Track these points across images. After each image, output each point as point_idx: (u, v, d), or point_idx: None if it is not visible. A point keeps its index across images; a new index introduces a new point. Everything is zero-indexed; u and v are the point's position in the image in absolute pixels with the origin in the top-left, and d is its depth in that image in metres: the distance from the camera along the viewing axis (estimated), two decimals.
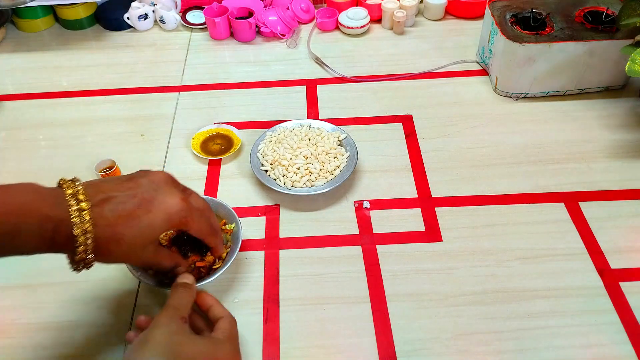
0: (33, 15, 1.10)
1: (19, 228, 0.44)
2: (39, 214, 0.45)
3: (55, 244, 0.46)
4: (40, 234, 0.45)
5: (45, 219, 0.45)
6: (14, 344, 0.60)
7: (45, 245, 0.46)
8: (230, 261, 0.62)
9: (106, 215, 0.47)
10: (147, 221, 0.49)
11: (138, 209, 0.49)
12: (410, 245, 0.69)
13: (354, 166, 0.75)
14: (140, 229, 0.49)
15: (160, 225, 0.50)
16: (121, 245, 0.48)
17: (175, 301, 0.52)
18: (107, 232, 0.47)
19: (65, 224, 0.45)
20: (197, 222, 0.53)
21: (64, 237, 0.45)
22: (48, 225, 0.45)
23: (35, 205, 0.45)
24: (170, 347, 0.47)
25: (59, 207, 0.46)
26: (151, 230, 0.50)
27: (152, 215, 0.49)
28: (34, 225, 0.44)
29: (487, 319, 0.61)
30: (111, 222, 0.47)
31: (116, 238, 0.48)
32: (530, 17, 0.88)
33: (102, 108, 0.93)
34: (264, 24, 1.06)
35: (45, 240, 0.45)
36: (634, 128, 0.85)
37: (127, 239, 0.48)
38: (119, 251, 0.49)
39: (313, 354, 0.59)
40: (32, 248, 0.45)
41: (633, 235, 0.69)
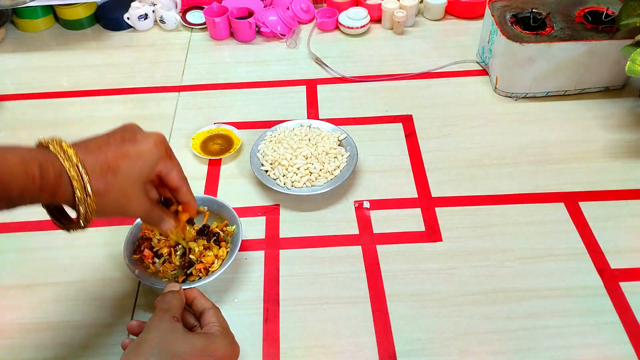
0: (33, 15, 1.10)
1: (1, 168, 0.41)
2: (20, 153, 0.42)
3: (47, 184, 0.42)
4: (25, 171, 0.41)
5: (27, 156, 0.42)
6: (14, 344, 0.60)
7: (35, 185, 0.42)
8: (230, 261, 0.62)
9: (93, 151, 0.45)
10: (136, 151, 0.48)
11: (123, 144, 0.47)
12: (410, 245, 0.69)
13: (354, 166, 0.75)
14: (133, 158, 0.47)
15: (150, 154, 0.49)
16: (118, 176, 0.46)
17: (164, 305, 0.52)
18: (98, 162, 0.45)
19: (51, 161, 0.43)
20: (176, 160, 0.53)
21: (53, 174, 0.42)
22: (32, 163, 0.42)
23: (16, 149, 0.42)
24: (165, 347, 0.47)
25: (39, 149, 0.44)
26: (143, 161, 0.48)
27: (139, 146, 0.48)
28: (16, 163, 0.41)
29: (487, 319, 0.61)
30: (101, 157, 0.45)
31: (111, 168, 0.46)
32: (530, 17, 0.88)
33: (102, 108, 0.93)
34: (264, 24, 1.06)
35: (33, 179, 0.42)
36: (633, 128, 0.85)
37: (122, 170, 0.46)
38: (117, 184, 0.46)
39: (313, 354, 0.59)
40: (20, 189, 0.42)
41: (633, 235, 0.69)
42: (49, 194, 0.43)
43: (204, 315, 0.54)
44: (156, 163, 0.50)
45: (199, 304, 0.55)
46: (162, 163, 0.50)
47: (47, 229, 0.73)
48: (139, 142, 0.48)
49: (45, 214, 0.73)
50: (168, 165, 0.51)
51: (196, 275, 0.62)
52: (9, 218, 0.74)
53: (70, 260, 0.69)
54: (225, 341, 0.51)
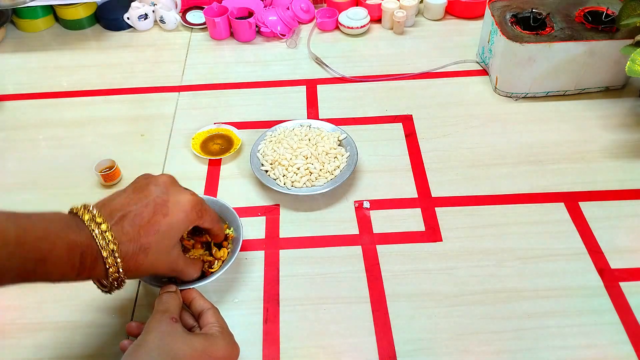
0: (33, 15, 1.10)
1: (49, 254, 0.44)
2: (67, 241, 0.45)
3: (84, 269, 0.46)
4: (69, 259, 0.45)
5: (72, 244, 0.45)
6: (14, 344, 0.60)
7: (74, 271, 0.46)
8: (231, 261, 0.61)
9: (127, 230, 0.48)
10: (167, 224, 0.50)
11: (155, 216, 0.50)
12: (410, 245, 0.69)
13: (354, 166, 0.75)
14: (163, 233, 0.50)
15: (180, 224, 0.52)
16: (149, 254, 0.49)
17: (162, 306, 0.52)
18: (132, 246, 0.48)
19: (92, 249, 0.46)
20: (209, 212, 0.56)
21: (91, 261, 0.46)
22: (76, 251, 0.45)
23: (63, 233, 0.45)
24: (165, 348, 0.47)
25: (82, 232, 0.46)
26: (173, 232, 0.51)
27: (170, 218, 0.51)
28: (63, 250, 0.45)
29: (487, 319, 0.61)
30: (134, 236, 0.48)
31: (143, 249, 0.49)
32: (530, 17, 0.88)
33: (102, 108, 0.93)
34: (264, 24, 1.06)
35: (74, 266, 0.46)
36: (633, 128, 0.85)
37: (153, 247, 0.50)
38: (148, 261, 0.50)
39: (313, 354, 0.59)
40: (60, 275, 0.46)
41: (633, 235, 0.69)
42: (83, 278, 0.47)
43: (203, 315, 0.54)
44: (186, 229, 0.53)
45: (197, 305, 0.55)
46: (192, 225, 0.54)
47: None
48: (171, 212, 0.51)
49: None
50: (199, 221, 0.55)
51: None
52: None
53: None
54: (224, 342, 0.51)
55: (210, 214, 0.56)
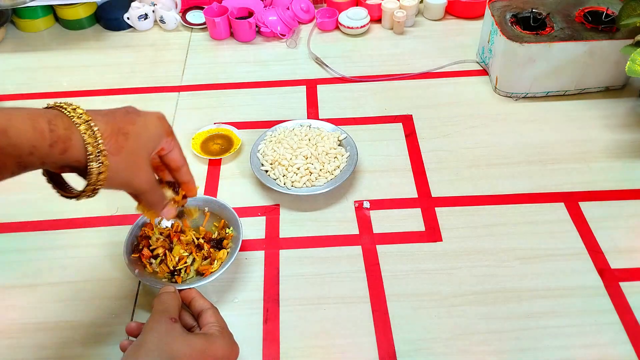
0: (33, 15, 1.10)
1: (7, 123, 0.40)
2: (28, 111, 0.42)
3: (57, 139, 0.42)
4: (34, 126, 0.41)
5: (35, 113, 0.42)
6: (14, 344, 0.60)
7: (44, 140, 0.41)
8: (230, 261, 0.62)
9: (102, 114, 0.45)
10: (142, 122, 0.48)
11: (129, 114, 0.48)
12: (410, 245, 0.69)
13: (354, 166, 0.75)
14: (139, 127, 0.47)
15: (155, 126, 0.49)
16: (128, 139, 0.46)
17: (161, 306, 0.52)
18: (109, 127, 0.45)
19: (60, 117, 0.42)
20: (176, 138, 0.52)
21: (63, 128, 0.42)
22: (41, 118, 0.41)
23: (20, 109, 0.42)
24: (164, 348, 0.47)
25: (50, 110, 0.43)
26: (149, 131, 0.48)
27: (144, 118, 0.48)
28: (25, 119, 0.41)
29: (487, 319, 0.61)
30: (110, 120, 0.45)
31: (122, 132, 0.45)
32: (530, 17, 0.88)
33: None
34: (264, 24, 1.06)
35: (42, 133, 0.41)
36: (634, 128, 0.85)
37: (131, 135, 0.46)
38: (128, 147, 0.46)
39: (313, 354, 0.59)
40: (29, 145, 0.41)
41: (633, 235, 0.69)
42: (60, 149, 0.42)
43: (203, 315, 0.54)
44: (160, 137, 0.50)
45: (197, 304, 0.55)
46: (165, 138, 0.50)
47: (47, 229, 0.73)
48: (143, 115, 0.49)
49: (44, 213, 0.74)
50: (170, 143, 0.51)
51: (186, 275, 0.62)
52: (8, 218, 0.74)
53: (70, 260, 0.69)
54: (224, 341, 0.51)
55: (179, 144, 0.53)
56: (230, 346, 0.52)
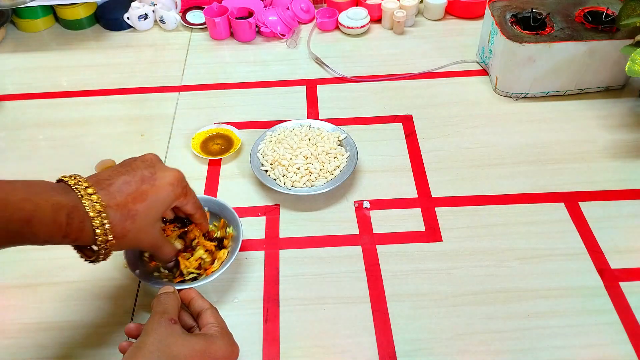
0: (33, 15, 1.10)
1: (33, 214, 0.44)
2: (51, 201, 0.45)
3: (72, 231, 0.46)
4: (54, 219, 0.45)
5: (57, 205, 0.45)
6: (14, 344, 0.60)
7: (61, 232, 0.46)
8: (230, 261, 0.61)
9: (114, 196, 0.49)
10: (154, 194, 0.51)
11: (143, 185, 0.51)
12: (410, 245, 0.69)
13: (354, 166, 0.75)
14: (150, 202, 0.51)
15: (166, 196, 0.53)
16: (136, 222, 0.50)
17: (160, 307, 0.52)
18: (119, 212, 0.49)
19: (78, 210, 0.46)
20: (193, 193, 0.57)
21: (78, 222, 0.46)
22: (61, 212, 0.45)
23: (48, 194, 0.46)
24: (164, 350, 0.47)
25: (69, 194, 0.47)
26: (159, 203, 0.52)
27: (157, 188, 0.52)
28: (48, 211, 0.45)
29: (487, 319, 0.61)
30: (121, 202, 0.49)
31: (130, 215, 0.49)
32: (530, 17, 0.88)
33: (102, 108, 0.93)
34: (264, 24, 1.06)
35: (60, 226, 0.45)
36: (633, 128, 0.85)
37: (140, 215, 0.50)
38: (134, 229, 0.50)
39: (313, 354, 0.59)
40: (46, 236, 0.45)
41: (633, 235, 0.69)
42: (71, 239, 0.47)
43: (202, 315, 0.54)
44: (171, 202, 0.54)
45: (196, 305, 0.55)
46: (177, 201, 0.55)
47: None
48: (157, 184, 0.52)
49: None
50: (183, 201, 0.56)
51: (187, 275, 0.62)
52: None
53: (70, 260, 0.68)
54: (224, 342, 0.51)
55: (194, 196, 0.57)
56: (230, 346, 0.52)
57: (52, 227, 0.45)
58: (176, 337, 0.48)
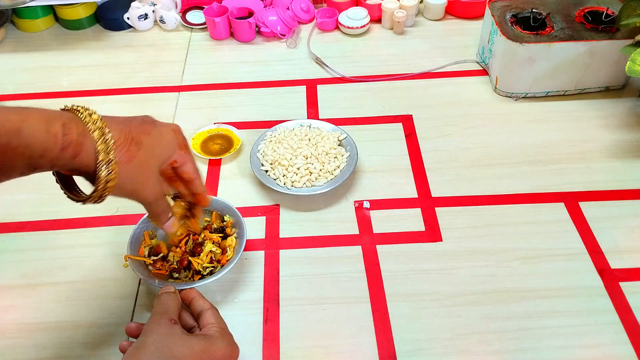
0: (33, 15, 1.10)
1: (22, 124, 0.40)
2: (44, 113, 0.42)
3: (69, 143, 0.41)
4: (48, 129, 0.41)
5: (51, 115, 0.42)
6: (14, 344, 0.60)
7: (57, 144, 0.41)
8: (235, 261, 0.61)
9: (117, 122, 0.45)
10: (157, 133, 0.48)
11: (145, 124, 0.48)
12: (410, 245, 0.69)
13: (354, 166, 0.75)
14: (153, 138, 0.48)
15: (169, 139, 0.50)
16: (140, 150, 0.46)
17: (161, 307, 0.52)
18: (123, 135, 0.45)
19: (75, 121, 0.42)
20: (190, 151, 0.53)
21: (76, 133, 0.42)
22: (56, 121, 0.41)
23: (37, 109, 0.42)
24: (164, 351, 0.47)
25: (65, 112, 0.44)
26: (163, 143, 0.49)
27: (159, 129, 0.49)
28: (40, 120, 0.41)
29: (487, 319, 0.61)
30: (124, 129, 0.45)
31: (135, 142, 0.46)
32: (530, 17, 0.88)
33: (102, 108, 0.91)
34: (264, 24, 1.06)
35: (55, 137, 0.41)
36: (634, 128, 0.85)
37: (144, 145, 0.46)
38: (139, 157, 0.46)
39: (313, 354, 0.59)
40: (41, 148, 0.41)
41: (633, 235, 0.69)
42: (71, 154, 0.42)
43: (203, 316, 0.54)
44: (174, 149, 0.50)
45: (197, 305, 0.55)
46: (179, 151, 0.51)
47: (47, 229, 0.73)
48: (159, 126, 0.49)
49: (44, 213, 0.74)
50: (184, 156, 0.52)
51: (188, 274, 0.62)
52: (8, 218, 0.74)
53: (70, 260, 0.69)
54: (224, 343, 0.51)
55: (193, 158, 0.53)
56: (230, 347, 0.52)
57: (47, 137, 0.41)
58: (176, 338, 0.48)
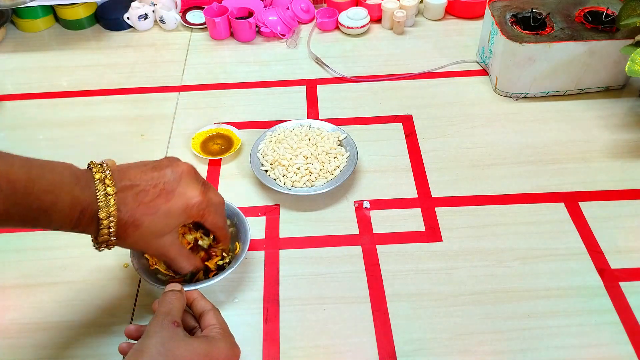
0: (33, 15, 1.10)
1: (52, 206, 0.47)
2: (72, 195, 0.48)
3: (80, 224, 0.49)
4: (69, 213, 0.48)
5: (76, 200, 0.48)
6: (14, 344, 0.60)
7: (71, 224, 0.49)
8: (239, 261, 0.61)
9: (128, 201, 0.50)
10: (165, 210, 0.52)
11: (158, 199, 0.52)
12: (410, 245, 0.69)
13: (354, 166, 0.75)
14: (158, 217, 0.52)
15: (178, 215, 0.53)
16: (139, 230, 0.51)
17: (165, 307, 0.52)
18: (127, 217, 0.50)
19: (92, 207, 0.49)
20: (213, 215, 0.56)
21: (88, 218, 0.49)
22: (77, 207, 0.48)
23: (70, 187, 0.48)
24: (167, 354, 0.47)
25: (89, 190, 0.49)
26: (168, 219, 0.53)
27: (170, 205, 0.52)
28: (66, 204, 0.47)
29: (487, 319, 0.61)
30: (131, 209, 0.50)
31: (135, 223, 0.51)
32: (530, 17, 0.88)
33: (102, 108, 0.93)
34: (264, 24, 1.06)
35: (71, 219, 0.48)
36: (633, 128, 0.85)
37: (144, 225, 0.51)
38: (136, 236, 0.52)
39: (313, 354, 0.59)
40: (58, 225, 0.48)
41: (633, 235, 0.69)
42: (78, 231, 0.50)
43: (204, 317, 0.54)
44: (181, 223, 0.55)
45: (198, 305, 0.55)
46: (191, 219, 0.55)
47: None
48: (173, 201, 0.53)
49: None
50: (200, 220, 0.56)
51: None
52: None
53: (70, 260, 0.69)
54: (226, 344, 0.51)
55: (215, 218, 0.57)
56: (231, 349, 0.52)
57: (66, 219, 0.48)
58: (178, 341, 0.48)
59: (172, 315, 0.51)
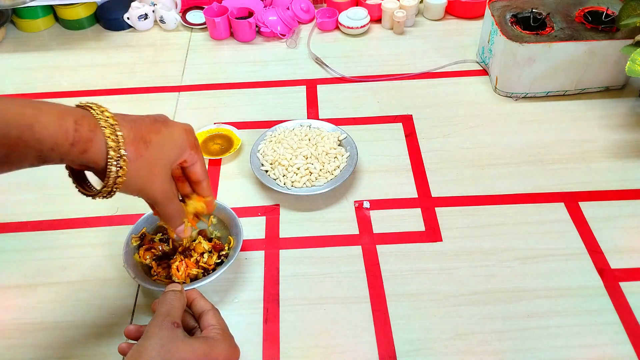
0: (33, 15, 1.10)
1: (35, 119, 0.41)
2: (57, 108, 0.43)
3: (79, 139, 0.42)
4: (60, 124, 0.42)
5: (64, 111, 0.43)
6: (14, 344, 0.60)
7: (68, 139, 0.42)
8: (231, 261, 0.61)
9: (128, 120, 0.46)
10: (169, 131, 0.49)
11: (156, 122, 0.49)
12: (410, 245, 0.69)
13: (354, 166, 0.75)
14: (164, 136, 0.48)
15: (180, 138, 0.50)
16: (149, 148, 0.46)
17: (165, 307, 0.52)
18: (133, 132, 0.45)
19: (87, 117, 0.43)
20: (201, 152, 0.53)
21: (88, 129, 0.43)
22: (68, 117, 0.42)
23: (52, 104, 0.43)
24: (166, 355, 0.47)
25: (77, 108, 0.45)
26: (173, 142, 0.49)
27: (171, 128, 0.49)
28: (52, 115, 0.42)
29: (487, 319, 0.61)
30: (134, 127, 0.46)
31: (144, 140, 0.46)
32: (530, 17, 0.88)
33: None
34: (264, 24, 1.06)
35: (66, 132, 0.42)
36: (634, 128, 0.85)
37: (153, 143, 0.47)
38: (147, 155, 0.46)
39: (313, 354, 0.59)
40: (52, 142, 0.41)
41: (633, 235, 0.69)
42: (80, 149, 0.43)
43: (204, 317, 0.54)
44: (184, 149, 0.50)
45: (198, 305, 0.55)
46: (189, 151, 0.51)
47: (47, 229, 0.73)
48: (171, 126, 0.50)
49: (44, 213, 0.74)
50: (194, 156, 0.52)
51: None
52: (9, 218, 0.74)
53: (70, 260, 0.69)
54: (225, 345, 0.51)
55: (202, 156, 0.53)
56: (231, 349, 0.52)
57: (58, 132, 0.42)
58: (178, 342, 0.48)
59: (171, 316, 0.50)
